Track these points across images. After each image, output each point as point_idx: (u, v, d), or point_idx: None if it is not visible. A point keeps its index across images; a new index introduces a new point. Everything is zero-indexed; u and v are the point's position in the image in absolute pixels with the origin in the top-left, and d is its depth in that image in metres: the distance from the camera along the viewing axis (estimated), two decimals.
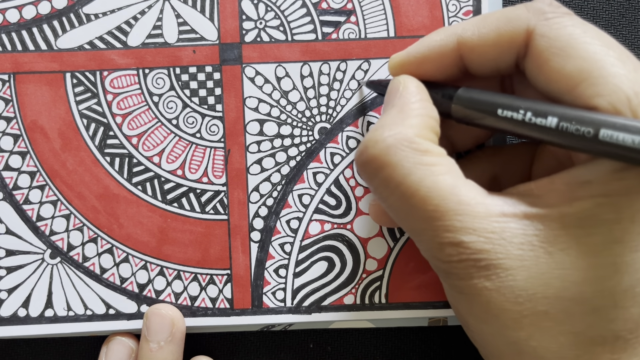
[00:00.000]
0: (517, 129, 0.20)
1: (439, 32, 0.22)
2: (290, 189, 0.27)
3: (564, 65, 0.19)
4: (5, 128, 0.27)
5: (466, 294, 0.19)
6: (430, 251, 0.20)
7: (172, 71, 0.27)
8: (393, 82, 0.22)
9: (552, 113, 0.19)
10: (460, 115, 0.21)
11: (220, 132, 0.27)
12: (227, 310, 0.27)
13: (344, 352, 0.29)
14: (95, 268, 0.27)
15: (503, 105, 0.20)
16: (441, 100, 0.22)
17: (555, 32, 0.19)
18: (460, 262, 0.19)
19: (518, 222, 0.19)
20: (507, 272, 0.18)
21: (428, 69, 0.22)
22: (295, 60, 0.27)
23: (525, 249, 0.19)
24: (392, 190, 0.20)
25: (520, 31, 0.20)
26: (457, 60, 0.22)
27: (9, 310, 0.27)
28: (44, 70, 0.27)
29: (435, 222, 0.19)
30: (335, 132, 0.27)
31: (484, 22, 0.21)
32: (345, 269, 0.27)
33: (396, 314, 0.27)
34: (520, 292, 0.18)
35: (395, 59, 0.23)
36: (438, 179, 0.19)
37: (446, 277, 0.20)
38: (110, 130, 0.27)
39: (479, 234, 0.19)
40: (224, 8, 0.27)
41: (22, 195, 0.27)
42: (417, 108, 0.21)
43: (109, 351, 0.27)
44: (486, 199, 0.19)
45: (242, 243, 0.27)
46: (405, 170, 0.19)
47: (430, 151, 0.20)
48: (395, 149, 0.20)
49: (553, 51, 0.19)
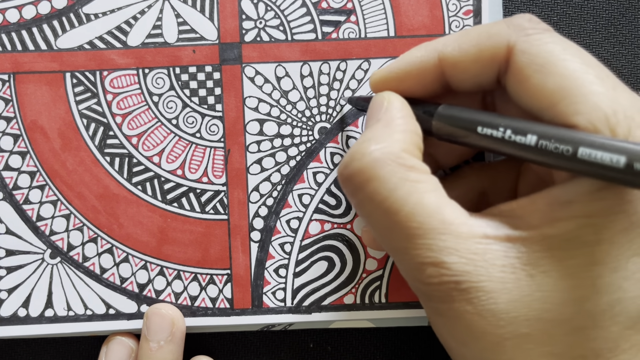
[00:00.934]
0: (497, 147, 0.19)
1: (420, 48, 0.22)
2: (290, 188, 0.27)
3: (544, 83, 0.19)
4: (5, 128, 0.27)
5: (447, 317, 0.19)
6: (411, 272, 0.20)
7: (172, 71, 0.27)
8: (377, 98, 0.22)
9: (531, 131, 0.19)
10: (441, 133, 0.21)
11: (220, 132, 0.27)
12: (227, 310, 0.27)
13: (344, 352, 0.29)
14: (95, 268, 0.27)
15: (483, 123, 0.20)
16: (422, 117, 0.22)
17: (536, 48, 0.19)
18: (441, 284, 0.19)
19: (500, 244, 0.19)
20: (489, 295, 0.18)
21: (409, 85, 0.22)
22: (295, 60, 0.27)
23: (507, 272, 0.18)
24: (377, 205, 0.19)
25: (501, 47, 0.20)
26: (439, 76, 0.22)
27: (9, 310, 0.27)
28: (43, 70, 0.27)
29: (417, 240, 0.19)
30: (335, 131, 0.27)
31: (465, 38, 0.21)
32: (345, 268, 0.27)
33: (396, 314, 0.27)
34: (502, 316, 0.18)
35: (376, 76, 0.23)
36: (423, 197, 0.19)
37: (427, 300, 0.20)
38: (110, 130, 0.27)
39: (461, 254, 0.18)
40: (224, 8, 0.27)
41: (22, 195, 0.27)
42: (403, 124, 0.21)
43: (109, 351, 0.27)
44: (469, 220, 0.19)
45: (242, 243, 0.27)
46: (391, 185, 0.19)
47: (416, 167, 0.20)
48: (382, 163, 0.19)
49: (534, 68, 0.19)
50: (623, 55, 0.29)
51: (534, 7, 0.29)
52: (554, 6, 0.29)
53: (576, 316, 0.18)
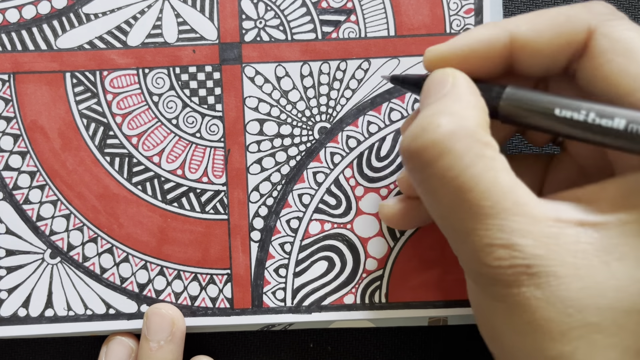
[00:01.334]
0: (576, 131, 0.19)
1: (488, 26, 0.21)
2: (290, 188, 0.27)
3: (627, 67, 0.18)
4: (5, 128, 0.27)
5: (509, 304, 0.18)
6: (476, 254, 0.18)
7: (171, 71, 0.27)
8: (438, 74, 0.21)
9: (619, 115, 0.18)
10: (508, 114, 0.20)
11: (220, 132, 0.27)
12: (227, 310, 0.27)
13: (344, 352, 0.29)
14: (95, 268, 0.27)
15: (562, 105, 0.19)
16: (486, 97, 0.20)
17: (618, 33, 0.19)
18: (511, 267, 0.18)
19: (573, 228, 0.18)
20: (560, 280, 0.17)
21: (473, 64, 0.21)
22: (295, 59, 0.27)
23: (580, 257, 0.18)
24: (448, 181, 0.18)
25: (581, 30, 0.20)
26: (506, 58, 0.21)
27: (9, 310, 0.27)
28: (43, 70, 0.27)
29: (489, 220, 0.18)
30: (335, 131, 0.27)
31: (539, 19, 0.20)
32: (345, 268, 0.27)
33: (396, 314, 0.27)
34: (571, 303, 0.17)
35: (434, 52, 0.21)
36: (498, 175, 0.18)
37: (488, 285, 0.19)
38: (110, 130, 0.27)
39: (534, 237, 0.18)
40: (224, 7, 0.27)
41: (22, 195, 0.27)
42: (472, 100, 0.19)
43: (109, 351, 0.27)
44: (540, 203, 0.18)
45: (242, 243, 0.27)
46: (466, 161, 0.18)
47: (490, 144, 0.18)
48: (458, 137, 0.18)
49: (616, 52, 0.19)
50: None
51: (534, 7, 0.29)
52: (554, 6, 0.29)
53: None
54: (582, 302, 0.17)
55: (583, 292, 0.17)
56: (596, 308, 0.17)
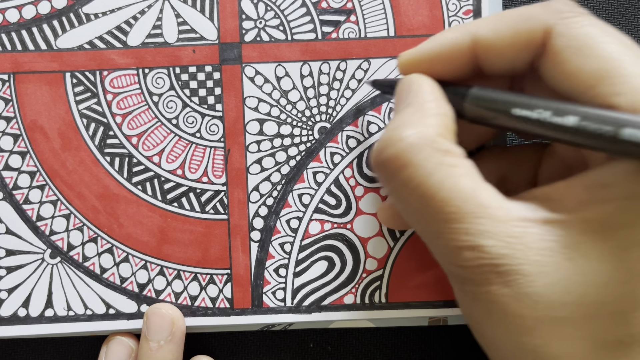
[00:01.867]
0: (534, 129, 0.19)
1: (453, 30, 0.22)
2: (290, 188, 0.27)
3: (583, 64, 0.19)
4: (5, 128, 0.27)
5: (482, 301, 0.19)
6: (446, 256, 0.19)
7: (171, 71, 0.27)
8: (405, 81, 0.22)
9: (571, 112, 0.18)
10: (473, 115, 0.21)
11: (220, 132, 0.27)
12: (227, 309, 0.27)
13: (344, 352, 0.29)
14: (95, 268, 0.27)
15: (519, 104, 0.19)
16: (453, 99, 0.21)
17: (574, 31, 0.19)
18: (478, 267, 0.18)
19: (538, 227, 0.18)
20: (526, 278, 0.18)
21: (440, 67, 0.22)
22: (295, 59, 0.27)
23: (545, 255, 0.18)
24: (412, 191, 0.19)
25: (539, 30, 0.20)
26: (471, 59, 0.22)
27: (9, 310, 0.27)
28: (43, 70, 0.27)
29: (453, 224, 0.19)
30: (335, 131, 0.27)
31: (500, 21, 0.21)
32: (345, 268, 0.27)
33: (396, 314, 0.27)
34: (538, 299, 0.18)
35: (405, 57, 0.22)
36: (459, 181, 0.19)
37: (461, 283, 0.20)
38: (110, 130, 0.27)
39: (498, 238, 0.18)
40: (224, 7, 0.27)
41: (22, 195, 0.27)
42: (435, 107, 0.20)
43: (109, 351, 0.27)
44: (506, 203, 0.19)
45: (242, 243, 0.27)
46: (426, 170, 0.19)
47: (451, 151, 0.19)
48: (418, 148, 0.19)
49: (572, 50, 0.19)
50: None
51: None
52: None
53: (615, 300, 0.18)
54: (550, 297, 0.18)
55: (550, 289, 0.18)
56: (563, 303, 0.18)
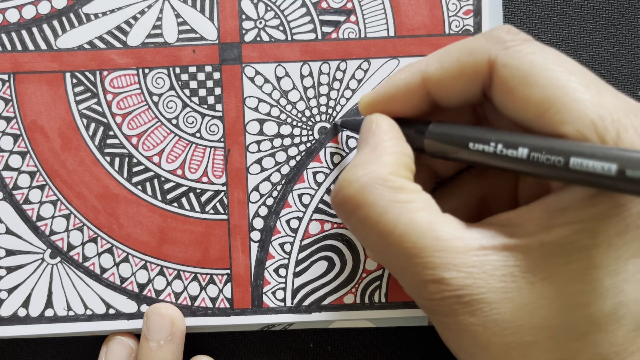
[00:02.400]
0: (490, 161, 0.20)
1: (403, 70, 0.22)
2: (290, 188, 0.27)
3: (529, 94, 0.19)
4: (5, 128, 0.27)
5: (453, 330, 0.19)
6: (413, 289, 0.20)
7: (171, 71, 0.27)
8: (366, 121, 0.22)
9: (522, 144, 0.19)
10: (433, 150, 0.21)
11: (220, 132, 0.27)
12: (227, 310, 0.27)
13: (344, 352, 0.29)
14: (95, 268, 0.27)
15: (474, 139, 0.20)
16: (414, 136, 0.22)
17: (517, 60, 0.19)
18: (443, 299, 0.19)
19: (498, 254, 0.19)
20: (491, 305, 0.18)
21: (397, 107, 0.22)
22: (295, 59, 0.27)
23: (508, 281, 0.18)
24: (369, 229, 0.20)
25: (482, 62, 0.20)
26: (425, 96, 0.22)
27: (9, 310, 0.27)
28: (43, 70, 0.27)
29: (414, 259, 0.19)
30: (336, 131, 0.27)
31: (446, 56, 0.21)
32: (345, 268, 0.27)
33: (396, 313, 0.27)
34: (505, 325, 0.18)
35: (364, 100, 0.23)
36: (414, 216, 0.19)
37: (432, 315, 0.20)
38: (110, 130, 0.27)
39: (459, 269, 0.18)
40: (224, 8, 0.27)
41: (22, 195, 0.27)
42: (390, 146, 0.21)
43: (109, 351, 0.27)
44: (464, 233, 0.19)
45: (242, 243, 0.27)
46: (380, 209, 0.19)
47: (404, 188, 0.20)
48: (370, 188, 0.20)
49: (516, 80, 0.19)
50: (623, 55, 0.29)
51: (534, 7, 0.29)
52: (554, 6, 0.29)
53: (580, 322, 0.18)
54: (516, 323, 0.18)
55: (515, 314, 0.18)
56: (530, 327, 0.18)
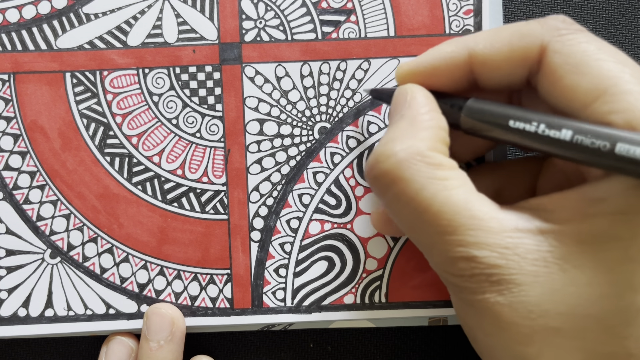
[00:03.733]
0: (528, 142, 0.19)
1: (450, 43, 0.22)
2: (290, 188, 0.27)
3: (579, 83, 0.19)
4: (5, 128, 0.27)
5: (476, 308, 0.19)
6: (442, 265, 0.20)
7: (172, 71, 0.27)
8: (400, 92, 0.22)
9: (566, 126, 0.18)
10: (469, 127, 0.21)
11: (220, 132, 0.27)
12: (227, 309, 0.27)
13: (344, 352, 0.29)
14: (95, 268, 0.27)
15: (515, 117, 0.19)
16: (449, 110, 0.21)
17: (569, 48, 0.19)
18: (473, 276, 0.19)
19: (532, 237, 0.19)
20: (520, 287, 0.18)
21: (437, 80, 0.22)
22: (295, 59, 0.27)
23: (539, 265, 0.18)
24: (405, 205, 0.19)
25: (534, 47, 0.20)
26: (467, 73, 0.22)
27: (9, 310, 0.27)
28: (44, 70, 0.27)
29: (447, 236, 0.19)
30: (335, 131, 0.27)
31: (497, 36, 0.21)
32: (345, 268, 0.27)
33: (396, 314, 0.27)
34: (532, 308, 0.18)
35: (403, 68, 0.23)
36: (451, 194, 0.19)
37: (457, 291, 0.20)
38: (110, 130, 0.27)
39: (492, 249, 0.18)
40: (224, 8, 0.27)
41: (22, 195, 0.27)
42: (427, 120, 0.20)
43: (109, 351, 0.27)
44: (499, 214, 0.19)
45: (242, 243, 0.27)
46: (418, 185, 0.19)
47: (442, 165, 0.19)
48: (408, 164, 0.19)
49: (567, 68, 0.19)
50: None
51: (534, 7, 0.29)
52: (554, 6, 0.29)
53: (609, 313, 0.18)
54: (543, 307, 0.18)
55: (543, 298, 0.18)
56: (557, 313, 0.18)
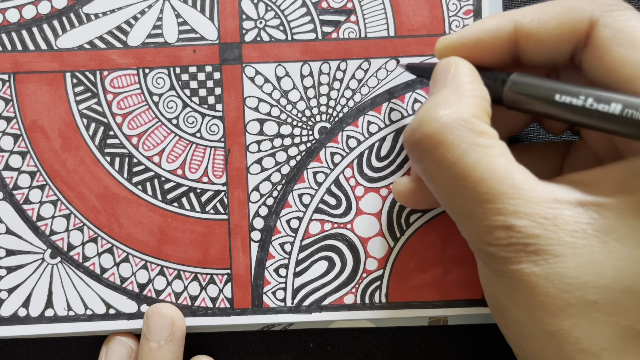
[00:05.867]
0: (576, 117, 0.19)
1: (494, 17, 0.22)
2: (290, 188, 0.27)
3: (628, 57, 0.19)
4: (5, 128, 0.27)
5: (510, 279, 0.19)
6: (477, 234, 0.20)
7: (172, 71, 0.27)
8: (442, 63, 0.22)
9: (616, 100, 0.18)
10: (512, 100, 0.21)
11: (220, 132, 0.27)
12: (228, 309, 0.27)
13: (344, 352, 0.29)
14: (95, 268, 0.27)
15: (562, 91, 0.19)
16: (491, 84, 0.21)
17: (620, 23, 0.19)
18: (510, 245, 0.19)
19: (572, 209, 0.19)
20: (557, 258, 0.18)
21: (480, 53, 0.22)
22: (295, 59, 0.27)
23: (578, 237, 0.18)
24: (445, 170, 0.19)
25: (583, 21, 0.20)
26: (511, 47, 0.22)
27: (9, 310, 0.27)
28: (44, 70, 0.27)
29: (487, 204, 0.19)
30: (335, 131, 0.27)
31: (544, 9, 0.21)
32: (345, 268, 0.27)
33: (396, 314, 0.27)
34: (569, 280, 0.18)
35: (443, 42, 0.22)
36: (493, 161, 0.19)
37: (490, 261, 0.20)
38: (110, 130, 0.27)
39: (531, 218, 0.18)
40: (224, 8, 0.27)
41: (22, 195, 0.27)
42: (471, 89, 0.20)
43: (109, 351, 0.27)
44: (539, 185, 0.19)
45: (242, 243, 0.27)
46: (460, 150, 0.19)
47: (486, 133, 0.19)
48: (452, 128, 0.19)
49: (617, 42, 0.19)
50: None
51: None
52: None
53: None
54: (580, 279, 0.18)
55: (581, 270, 0.18)
56: (594, 286, 0.18)
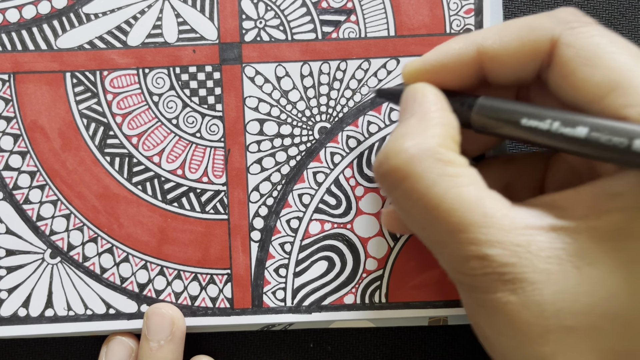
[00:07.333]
0: (542, 139, 0.19)
1: (458, 40, 0.22)
2: (290, 188, 0.27)
3: (592, 75, 0.19)
4: (5, 128, 0.27)
5: (488, 308, 0.19)
6: (453, 264, 0.19)
7: (172, 71, 0.27)
8: (409, 90, 0.22)
9: (582, 123, 0.18)
10: (480, 124, 0.21)
11: (220, 132, 0.27)
12: (227, 309, 0.27)
13: (344, 352, 0.29)
14: (95, 268, 0.27)
15: (528, 114, 0.19)
16: (459, 108, 0.21)
17: (582, 41, 0.19)
18: (485, 275, 0.18)
19: (544, 234, 0.18)
20: (533, 286, 0.18)
21: (445, 77, 0.22)
22: (295, 59, 0.27)
23: (553, 263, 0.18)
24: (415, 202, 0.19)
25: (545, 40, 0.20)
26: (476, 69, 0.21)
27: (9, 310, 0.27)
28: (44, 70, 0.27)
29: (459, 234, 0.18)
30: (335, 131, 0.27)
31: (505, 31, 0.21)
32: (345, 268, 0.27)
33: (396, 314, 0.27)
34: (546, 307, 0.18)
35: (410, 67, 0.22)
36: (462, 191, 0.19)
37: (468, 291, 0.20)
38: (110, 130, 0.27)
39: (504, 247, 0.18)
40: (224, 7, 0.27)
41: (22, 195, 0.27)
42: (438, 117, 0.20)
43: (109, 351, 0.27)
44: (511, 211, 0.19)
45: (242, 243, 0.27)
46: (428, 181, 0.19)
47: (453, 162, 0.19)
48: (419, 159, 0.19)
49: (580, 61, 0.19)
50: None
51: (534, 7, 0.29)
52: (554, 6, 0.29)
53: (625, 311, 0.18)
54: (557, 306, 0.18)
55: (557, 297, 0.18)
56: (571, 312, 0.18)
